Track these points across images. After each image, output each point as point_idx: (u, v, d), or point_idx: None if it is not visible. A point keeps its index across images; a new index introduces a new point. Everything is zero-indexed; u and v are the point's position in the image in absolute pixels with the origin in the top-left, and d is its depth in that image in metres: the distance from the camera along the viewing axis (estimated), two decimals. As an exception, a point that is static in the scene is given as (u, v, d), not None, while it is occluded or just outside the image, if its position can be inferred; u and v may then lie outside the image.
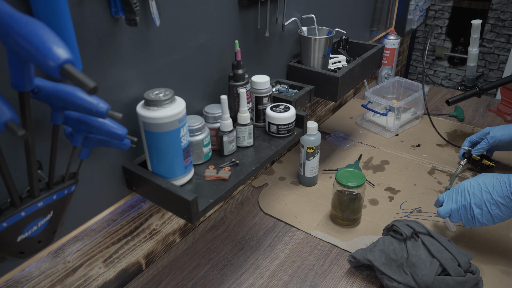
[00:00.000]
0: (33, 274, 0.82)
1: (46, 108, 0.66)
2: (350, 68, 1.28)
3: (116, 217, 0.97)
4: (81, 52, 0.73)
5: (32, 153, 0.61)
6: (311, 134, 1.27)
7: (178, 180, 0.90)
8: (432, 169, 1.44)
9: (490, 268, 1.05)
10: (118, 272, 1.03)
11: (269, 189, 1.37)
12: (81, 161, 0.75)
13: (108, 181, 0.89)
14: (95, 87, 0.47)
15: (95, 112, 0.62)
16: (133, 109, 0.85)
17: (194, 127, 0.94)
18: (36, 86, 0.62)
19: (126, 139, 0.76)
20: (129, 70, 0.84)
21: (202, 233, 1.19)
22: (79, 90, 0.63)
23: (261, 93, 1.09)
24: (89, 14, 0.72)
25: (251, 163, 1.00)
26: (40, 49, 0.46)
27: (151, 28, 0.85)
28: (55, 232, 0.75)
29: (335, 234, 1.16)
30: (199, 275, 1.06)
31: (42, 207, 0.69)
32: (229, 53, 1.08)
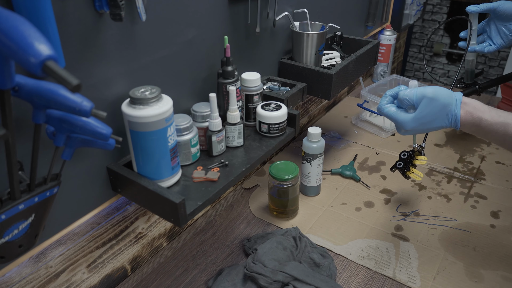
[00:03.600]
0: (13, 280, 0.83)
1: (27, 106, 0.66)
2: (344, 65, 1.29)
3: (100, 220, 0.98)
4: (64, 48, 0.73)
5: (12, 154, 0.62)
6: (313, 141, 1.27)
7: (165, 182, 0.91)
8: (430, 170, 1.46)
9: (490, 273, 1.06)
10: (103, 278, 1.03)
11: (260, 191, 1.38)
12: (64, 162, 0.76)
13: (92, 183, 0.90)
14: (79, 85, 0.47)
15: (79, 111, 0.63)
16: (118, 107, 0.86)
17: (181, 127, 0.95)
18: (17, 84, 0.62)
19: (110, 139, 0.77)
20: (114, 67, 0.84)
21: (190, 237, 1.20)
22: (61, 87, 0.63)
23: (251, 91, 1.10)
24: (72, 9, 0.73)
25: (241, 164, 1.01)
26: (21, 45, 0.46)
27: (136, 23, 0.86)
28: (37, 236, 0.75)
29: (329, 238, 1.17)
30: (187, 280, 1.06)
31: (23, 210, 0.69)
32: (218, 49, 1.09)
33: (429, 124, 0.90)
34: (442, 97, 0.88)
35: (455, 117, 0.88)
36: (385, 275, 1.06)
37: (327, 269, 1.04)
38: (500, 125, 0.87)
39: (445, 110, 0.88)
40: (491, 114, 0.87)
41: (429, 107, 0.88)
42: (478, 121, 0.87)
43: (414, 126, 0.91)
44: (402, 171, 1.17)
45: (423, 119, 0.89)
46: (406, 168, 1.17)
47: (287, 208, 1.23)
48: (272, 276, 0.96)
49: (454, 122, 0.88)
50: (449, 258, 1.10)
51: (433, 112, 0.88)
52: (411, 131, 0.93)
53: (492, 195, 1.33)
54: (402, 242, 1.16)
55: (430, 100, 0.88)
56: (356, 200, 1.33)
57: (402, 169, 1.17)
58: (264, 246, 1.03)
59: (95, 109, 0.66)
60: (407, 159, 1.17)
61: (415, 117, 0.90)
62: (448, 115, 0.88)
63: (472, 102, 0.89)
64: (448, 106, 0.88)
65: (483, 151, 1.56)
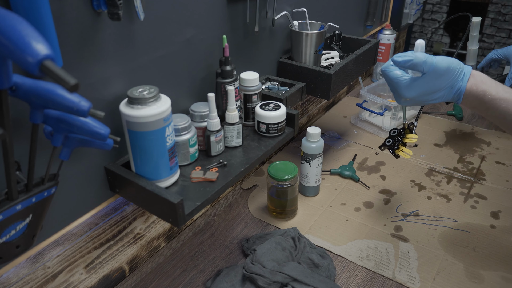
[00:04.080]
0: (11, 281, 0.83)
1: (25, 106, 0.66)
2: (343, 64, 1.30)
3: (98, 221, 0.98)
4: (62, 48, 0.73)
5: (10, 154, 0.62)
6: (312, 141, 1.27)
7: (163, 182, 0.91)
8: (430, 170, 1.46)
9: (490, 274, 1.06)
10: (100, 278, 1.04)
11: (259, 191, 1.38)
12: (62, 162, 0.76)
13: (90, 183, 0.90)
14: (76, 85, 0.47)
15: (76, 111, 0.63)
16: (116, 107, 0.86)
17: (180, 126, 0.95)
18: (14, 83, 0.62)
19: (108, 139, 0.77)
20: (112, 67, 0.85)
21: (188, 237, 1.20)
22: (59, 87, 0.63)
23: (250, 90, 1.10)
24: (70, 8, 0.73)
25: (240, 164, 1.01)
26: (18, 45, 0.47)
27: (135, 22, 0.86)
28: (34, 237, 0.75)
29: (328, 239, 1.18)
30: (185, 281, 1.06)
31: (20, 210, 0.70)
32: (216, 49, 1.09)
33: (431, 95, 0.88)
34: (454, 69, 0.85)
35: (460, 90, 0.86)
36: (385, 276, 1.06)
37: (326, 269, 1.04)
38: (504, 101, 0.85)
39: (453, 82, 0.86)
40: (497, 89, 0.86)
41: (437, 80, 0.86)
42: (482, 94, 0.85)
43: (416, 95, 0.88)
44: (391, 149, 1.16)
45: (428, 89, 0.87)
46: (395, 145, 1.16)
47: (286, 209, 1.23)
48: (271, 277, 0.96)
49: (457, 95, 0.87)
50: (449, 259, 1.10)
51: (440, 84, 0.86)
52: (411, 101, 0.90)
53: (492, 196, 1.33)
54: (402, 242, 1.16)
55: (441, 74, 0.85)
56: (356, 200, 1.33)
57: (391, 147, 1.16)
58: (263, 247, 1.03)
59: (93, 109, 0.66)
60: (397, 136, 1.16)
61: (420, 85, 0.87)
62: (452, 88, 0.86)
63: (480, 75, 0.87)
64: (456, 78, 0.86)
65: (483, 151, 1.56)
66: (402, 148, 1.16)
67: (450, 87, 0.87)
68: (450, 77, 0.86)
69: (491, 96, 0.85)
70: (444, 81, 0.86)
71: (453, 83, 0.86)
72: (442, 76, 0.85)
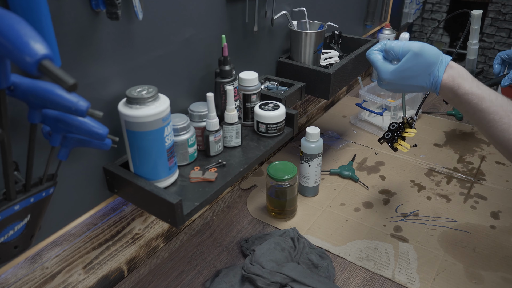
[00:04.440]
0: (9, 281, 0.83)
1: (23, 106, 0.66)
2: (343, 64, 1.30)
3: (96, 221, 0.98)
4: (60, 48, 0.73)
5: (8, 154, 0.62)
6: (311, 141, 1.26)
7: (162, 182, 0.91)
8: (430, 170, 1.46)
9: (490, 275, 1.06)
10: (99, 279, 1.04)
11: (258, 191, 1.39)
12: (60, 162, 0.76)
13: (88, 183, 0.90)
14: (75, 84, 0.47)
15: (75, 111, 0.63)
16: (115, 107, 0.86)
17: (178, 126, 0.95)
18: (12, 83, 0.62)
19: (107, 139, 0.77)
20: (110, 66, 0.85)
21: (187, 237, 1.20)
22: (57, 87, 0.63)
23: (249, 90, 1.10)
24: (68, 8, 0.73)
25: (239, 164, 1.01)
26: (16, 44, 0.47)
27: (133, 22, 0.86)
28: (33, 237, 0.75)
29: (327, 239, 1.18)
30: (184, 281, 1.06)
31: (18, 211, 0.70)
32: (215, 49, 1.09)
33: (409, 80, 0.89)
34: (428, 54, 0.87)
35: (437, 78, 0.87)
36: (384, 276, 1.06)
37: (325, 270, 1.04)
38: (475, 96, 0.85)
39: (429, 69, 0.87)
40: (472, 84, 0.86)
41: (412, 62, 0.87)
42: (456, 87, 0.86)
43: (393, 78, 0.90)
44: (390, 142, 1.18)
45: (404, 72, 0.89)
46: (393, 139, 1.17)
47: (285, 209, 1.23)
48: (270, 278, 0.96)
49: (434, 84, 0.88)
50: (448, 259, 1.10)
51: (415, 68, 0.88)
52: (390, 84, 0.92)
53: (492, 196, 1.33)
54: (401, 243, 1.16)
55: (415, 55, 0.87)
56: (355, 200, 1.33)
57: (390, 140, 1.17)
58: (262, 247, 1.03)
59: (91, 109, 0.66)
60: (396, 130, 1.17)
61: (396, 69, 0.89)
62: (430, 75, 0.87)
63: (458, 68, 0.88)
64: (432, 66, 0.87)
65: (483, 151, 1.56)
66: (400, 142, 1.17)
67: (428, 74, 0.88)
68: (426, 62, 0.87)
69: (464, 90, 0.86)
70: (420, 65, 0.87)
71: (430, 70, 0.87)
72: (417, 59, 0.87)
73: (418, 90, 0.92)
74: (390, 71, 0.90)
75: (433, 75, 0.87)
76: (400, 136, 1.17)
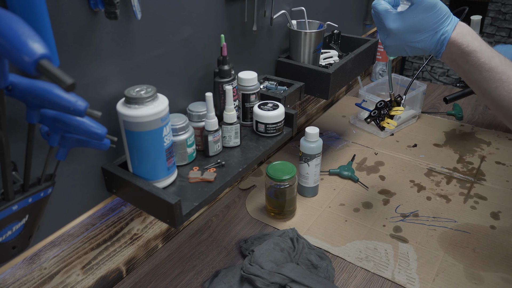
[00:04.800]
0: (7, 282, 0.83)
1: (21, 106, 0.66)
2: (342, 63, 1.30)
3: (95, 221, 0.98)
4: (58, 47, 0.73)
5: (6, 154, 0.62)
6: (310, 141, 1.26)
7: (161, 182, 0.91)
8: (429, 170, 1.46)
9: (490, 275, 1.07)
10: (97, 280, 1.04)
11: (257, 191, 1.39)
12: (58, 162, 0.76)
13: (87, 183, 0.90)
14: (73, 84, 0.47)
15: (73, 110, 0.63)
16: (113, 107, 0.86)
17: (177, 126, 0.95)
18: (10, 83, 0.62)
19: (105, 139, 0.77)
20: (109, 66, 0.85)
21: (186, 238, 1.20)
22: (56, 87, 0.63)
23: (248, 90, 1.10)
24: (67, 7, 0.73)
25: (238, 164, 1.01)
26: (14, 44, 0.47)
27: (132, 21, 0.86)
28: (31, 237, 0.75)
29: (327, 239, 1.18)
30: (183, 282, 1.07)
31: (16, 211, 0.70)
32: (214, 48, 1.09)
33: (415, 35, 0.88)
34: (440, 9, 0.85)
35: (444, 36, 0.86)
36: (384, 277, 1.06)
37: (325, 270, 1.04)
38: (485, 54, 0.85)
39: (438, 26, 0.86)
40: (482, 43, 0.85)
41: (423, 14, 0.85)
42: (465, 44, 0.85)
43: (400, 27, 0.88)
44: (376, 120, 1.18)
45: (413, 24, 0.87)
46: (380, 117, 1.17)
47: (285, 209, 1.23)
48: (269, 278, 0.96)
49: (441, 42, 0.87)
50: (448, 260, 1.11)
51: (426, 22, 0.86)
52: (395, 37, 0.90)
53: (492, 196, 1.33)
54: (401, 243, 1.16)
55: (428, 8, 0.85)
56: (355, 200, 1.33)
57: (376, 118, 1.18)
58: (261, 248, 1.03)
59: (89, 109, 0.66)
60: (383, 108, 1.17)
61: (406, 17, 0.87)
62: (437, 32, 0.86)
63: (466, 26, 0.88)
64: (442, 23, 0.86)
65: (483, 151, 1.56)
66: (387, 120, 1.17)
67: (435, 31, 0.87)
68: (436, 17, 0.85)
69: (474, 48, 0.85)
70: (430, 19, 0.86)
71: (438, 27, 0.86)
72: (429, 12, 0.85)
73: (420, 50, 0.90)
74: (400, 18, 0.88)
75: (442, 31, 0.86)
76: (387, 114, 1.17)
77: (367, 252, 1.13)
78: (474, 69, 0.86)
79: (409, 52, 0.92)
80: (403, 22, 0.87)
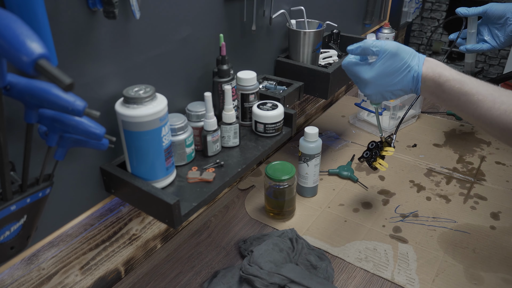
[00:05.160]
0: (5, 282, 0.83)
1: (19, 106, 0.66)
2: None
3: (93, 222, 0.98)
4: (57, 47, 0.73)
5: (4, 154, 0.62)
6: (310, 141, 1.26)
7: (159, 182, 0.91)
8: (429, 170, 1.47)
9: (490, 276, 1.07)
10: (96, 280, 1.04)
11: (256, 191, 1.39)
12: (57, 162, 0.76)
13: (85, 184, 0.90)
14: (71, 84, 0.47)
15: (71, 110, 0.63)
16: (112, 107, 0.86)
17: (176, 126, 0.95)
18: (8, 83, 0.62)
19: (104, 139, 0.77)
20: (107, 66, 0.85)
21: (185, 238, 1.20)
22: (54, 87, 0.63)
23: (247, 90, 1.10)
24: (65, 6, 0.73)
25: (237, 164, 1.01)
26: (12, 43, 0.47)
27: (130, 21, 0.86)
28: (29, 238, 0.75)
29: (326, 240, 1.18)
30: (182, 283, 1.07)
31: (15, 211, 0.70)
32: (213, 48, 1.09)
33: (391, 78, 0.92)
34: (404, 51, 0.91)
35: (417, 73, 0.90)
36: (383, 278, 1.06)
37: (324, 271, 1.04)
38: (457, 81, 0.88)
39: (407, 66, 0.90)
40: (451, 71, 0.89)
41: (390, 60, 0.91)
42: (437, 76, 0.89)
43: (375, 74, 0.93)
44: (368, 161, 1.21)
45: (385, 69, 0.92)
46: (372, 158, 1.21)
47: (284, 209, 1.23)
48: (268, 279, 0.97)
49: (416, 79, 0.91)
50: (448, 260, 1.11)
51: (394, 66, 0.91)
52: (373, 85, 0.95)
53: (492, 196, 1.34)
54: (401, 243, 1.16)
55: (392, 54, 0.90)
56: (354, 201, 1.33)
57: (368, 159, 1.21)
58: (260, 248, 1.03)
59: (88, 109, 0.66)
60: (374, 149, 1.21)
61: (376, 65, 0.93)
62: (410, 70, 0.90)
63: (433, 60, 0.92)
64: (410, 62, 0.90)
65: (483, 151, 1.56)
66: (379, 161, 1.21)
67: (407, 70, 0.91)
68: (402, 59, 0.91)
69: (446, 77, 0.89)
70: (397, 62, 0.91)
71: (408, 67, 0.91)
72: (396, 56, 0.91)
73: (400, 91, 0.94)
74: (369, 69, 0.93)
75: (414, 69, 0.90)
76: (379, 155, 1.21)
77: (367, 253, 1.14)
78: (452, 96, 0.90)
79: (391, 96, 0.97)
80: (375, 70, 0.93)
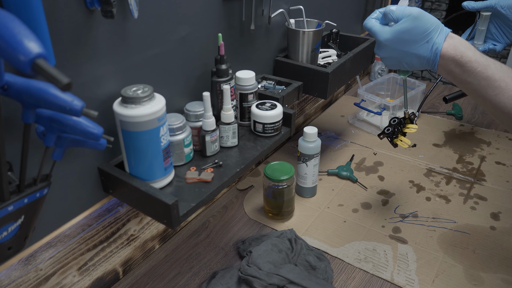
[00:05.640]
0: (2, 283, 0.83)
1: (16, 105, 0.66)
2: (341, 63, 1.30)
3: (91, 222, 0.98)
4: (54, 46, 0.73)
5: (1, 154, 0.62)
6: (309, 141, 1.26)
7: (158, 183, 0.91)
8: (429, 170, 1.47)
9: (490, 276, 1.07)
10: (94, 281, 1.04)
11: (255, 192, 1.39)
12: (54, 162, 0.76)
13: (83, 184, 0.90)
14: (69, 83, 0.47)
15: (69, 110, 0.63)
16: (110, 106, 0.86)
17: (174, 126, 0.95)
18: (6, 82, 0.62)
19: (102, 139, 0.77)
20: (105, 65, 0.85)
21: (183, 239, 1.20)
22: (52, 86, 0.63)
23: (246, 89, 1.10)
24: (63, 6, 0.73)
25: (235, 164, 1.01)
26: (10, 43, 0.47)
27: (128, 20, 0.86)
28: (27, 238, 0.76)
29: (325, 240, 1.18)
30: (180, 283, 1.07)
31: (12, 211, 0.70)
32: (211, 47, 1.09)
33: (407, 44, 0.90)
34: (427, 20, 0.87)
35: (437, 46, 0.87)
36: (383, 278, 1.06)
37: (323, 272, 1.04)
38: (480, 64, 0.85)
39: (427, 36, 0.87)
40: (475, 52, 0.86)
41: (411, 25, 0.87)
42: (459, 55, 0.86)
43: (391, 38, 0.90)
44: (390, 137, 1.17)
45: (402, 34, 0.89)
46: (394, 134, 1.17)
47: (283, 210, 1.23)
48: (267, 279, 0.97)
49: (434, 53, 0.88)
50: (448, 261, 1.11)
51: (414, 32, 0.88)
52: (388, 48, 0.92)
53: (492, 196, 1.34)
54: (400, 244, 1.16)
55: (414, 18, 0.87)
56: (353, 201, 1.33)
57: (390, 135, 1.17)
58: (259, 249, 1.04)
59: (86, 108, 0.66)
60: (396, 125, 1.17)
61: (395, 28, 0.90)
62: (428, 42, 0.87)
63: (458, 37, 0.89)
64: (431, 32, 0.87)
65: (483, 151, 1.57)
66: (400, 138, 1.17)
67: (425, 40, 0.88)
68: (425, 25, 0.87)
69: (468, 58, 0.86)
70: (418, 28, 0.87)
71: (427, 36, 0.87)
72: (417, 21, 0.87)
73: (416, 61, 0.91)
74: (388, 30, 0.91)
75: (432, 42, 0.87)
76: (400, 131, 1.17)
77: (366, 253, 1.14)
78: (471, 79, 0.87)
79: (406, 65, 0.94)
80: (393, 33, 0.90)
